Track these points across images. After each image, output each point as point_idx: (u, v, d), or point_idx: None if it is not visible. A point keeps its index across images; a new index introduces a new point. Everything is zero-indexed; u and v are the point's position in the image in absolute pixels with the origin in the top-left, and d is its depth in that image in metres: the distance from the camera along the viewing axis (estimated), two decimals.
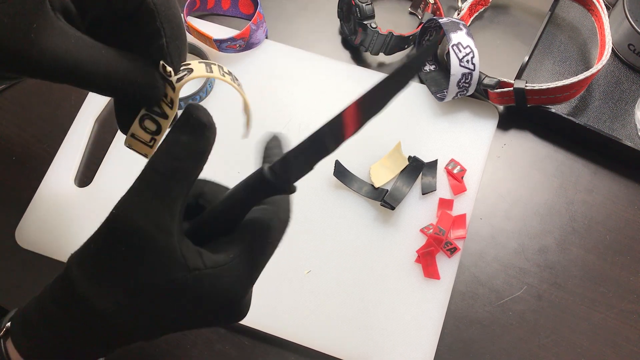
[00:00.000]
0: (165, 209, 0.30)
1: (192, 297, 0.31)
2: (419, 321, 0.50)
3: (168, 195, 0.30)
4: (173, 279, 0.30)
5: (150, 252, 0.30)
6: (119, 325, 0.32)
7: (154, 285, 0.31)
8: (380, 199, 0.53)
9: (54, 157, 0.56)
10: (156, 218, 0.30)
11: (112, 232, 0.31)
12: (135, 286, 0.31)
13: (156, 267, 0.30)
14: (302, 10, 0.64)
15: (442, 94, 0.58)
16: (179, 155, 0.31)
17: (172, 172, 0.31)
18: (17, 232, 0.53)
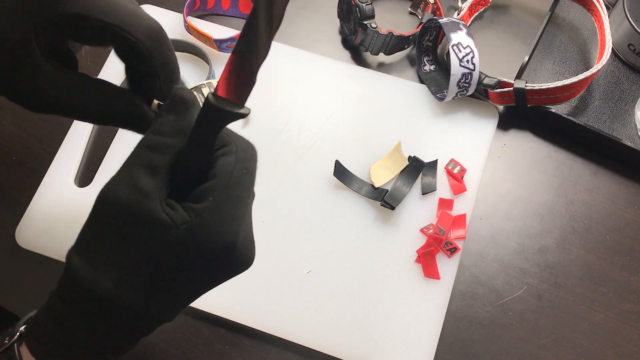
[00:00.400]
0: (149, 178, 0.31)
1: (188, 251, 0.31)
2: (419, 321, 0.50)
3: (153, 167, 0.31)
4: (164, 240, 0.30)
5: (137, 222, 0.30)
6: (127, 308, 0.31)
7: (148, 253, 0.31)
8: (380, 199, 0.53)
9: (54, 157, 0.56)
10: (140, 187, 0.30)
11: (100, 210, 0.31)
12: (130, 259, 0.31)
13: (145, 234, 0.30)
14: (302, 10, 0.64)
15: (442, 94, 0.58)
16: (164, 131, 0.32)
17: (157, 146, 0.32)
18: (17, 232, 0.53)
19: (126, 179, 0.31)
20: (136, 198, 0.30)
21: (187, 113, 0.33)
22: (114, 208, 0.31)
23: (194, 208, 0.31)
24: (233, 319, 0.50)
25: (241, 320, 0.50)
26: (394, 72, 0.61)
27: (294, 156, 0.56)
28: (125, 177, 0.31)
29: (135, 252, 0.31)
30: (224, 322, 0.51)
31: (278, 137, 0.57)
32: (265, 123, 0.57)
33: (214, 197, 0.31)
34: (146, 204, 0.30)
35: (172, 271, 0.31)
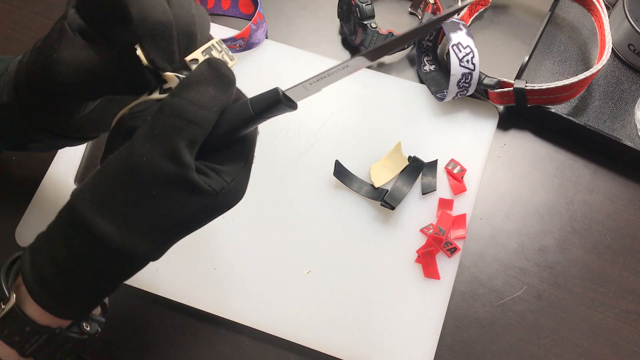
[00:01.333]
0: (189, 152, 0.31)
1: (219, 210, 0.34)
2: (419, 321, 0.50)
3: (193, 141, 0.32)
4: (206, 205, 0.33)
5: (179, 191, 0.32)
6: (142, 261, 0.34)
7: (184, 215, 0.33)
8: (380, 199, 0.53)
9: (54, 157, 0.56)
10: (182, 161, 0.31)
11: (141, 179, 0.32)
12: (165, 222, 0.33)
13: (188, 202, 0.32)
14: (302, 10, 0.64)
15: (442, 94, 0.58)
16: (206, 105, 0.32)
17: (200, 120, 0.32)
18: (17, 232, 0.53)
19: (168, 151, 0.31)
20: (180, 172, 0.31)
21: (230, 90, 0.33)
22: (156, 179, 0.31)
23: (230, 173, 0.33)
24: (233, 319, 0.50)
25: (241, 320, 0.50)
26: (394, 72, 0.61)
27: (294, 156, 0.56)
28: (167, 150, 0.31)
29: (172, 216, 0.32)
30: (224, 322, 0.51)
31: (278, 137, 0.57)
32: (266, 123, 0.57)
33: (243, 165, 0.34)
34: (189, 177, 0.31)
35: (188, 224, 0.34)
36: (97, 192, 0.33)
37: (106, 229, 0.32)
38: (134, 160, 0.31)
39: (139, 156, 0.31)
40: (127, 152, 0.32)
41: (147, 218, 0.32)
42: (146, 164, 0.31)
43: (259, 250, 0.53)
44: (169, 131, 0.31)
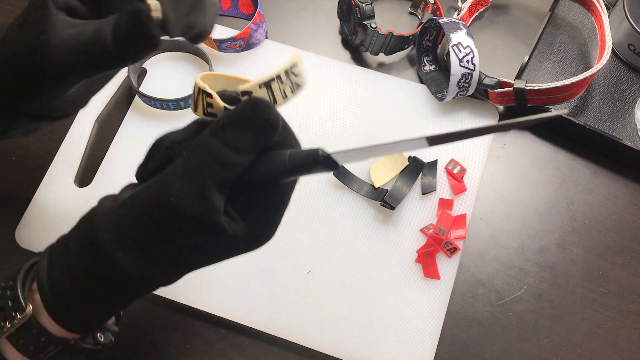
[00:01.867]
0: (219, 195, 0.31)
1: (240, 252, 0.34)
2: (419, 321, 0.50)
3: (224, 185, 0.31)
4: (227, 246, 0.33)
5: (204, 235, 0.32)
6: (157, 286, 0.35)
7: (205, 255, 0.33)
8: (380, 199, 0.53)
9: (54, 157, 0.56)
10: (212, 204, 0.31)
11: (168, 217, 0.31)
12: (191, 261, 0.33)
13: (211, 245, 0.32)
14: (302, 10, 0.64)
15: (442, 94, 0.58)
16: (243, 151, 0.31)
17: (233, 165, 0.31)
18: (17, 232, 0.53)
19: (198, 194, 0.31)
20: (208, 215, 0.31)
21: (271, 135, 0.33)
22: (184, 220, 0.31)
23: (254, 221, 0.33)
24: (233, 319, 0.50)
25: (241, 320, 0.50)
26: (394, 72, 0.61)
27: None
28: (197, 192, 0.31)
29: (192, 253, 0.33)
30: (224, 322, 0.51)
31: None
32: None
33: (273, 210, 0.34)
34: (217, 220, 0.31)
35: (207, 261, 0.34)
36: (122, 222, 0.33)
37: (125, 258, 0.32)
38: (163, 197, 0.31)
39: (168, 194, 0.31)
40: (158, 187, 0.32)
41: (167, 253, 0.32)
42: (174, 203, 0.31)
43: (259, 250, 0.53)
44: (201, 173, 0.31)
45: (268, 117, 0.32)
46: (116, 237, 0.32)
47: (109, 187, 0.54)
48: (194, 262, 0.34)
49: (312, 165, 0.32)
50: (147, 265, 0.32)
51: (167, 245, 0.32)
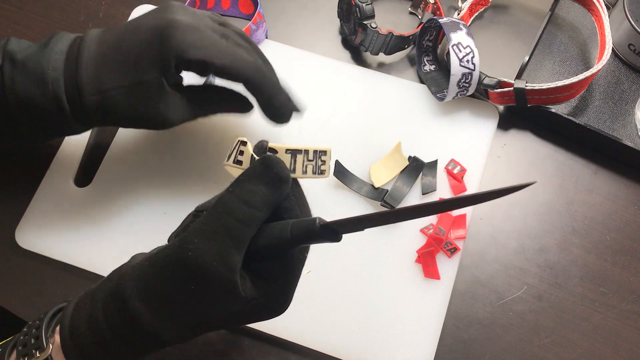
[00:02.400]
0: (236, 252, 0.33)
1: (244, 320, 0.35)
2: (419, 321, 0.50)
3: (240, 240, 0.33)
4: (233, 309, 0.34)
5: (218, 291, 0.33)
6: (172, 344, 0.36)
7: (217, 318, 0.34)
8: (380, 199, 0.53)
9: (54, 157, 0.56)
10: (227, 260, 0.32)
11: (183, 272, 0.33)
12: (200, 320, 0.34)
13: (221, 303, 0.33)
14: (302, 10, 0.64)
15: (442, 94, 0.58)
16: (255, 204, 0.33)
17: (248, 220, 0.33)
18: (17, 232, 0.53)
19: (215, 249, 0.32)
20: (223, 271, 0.32)
21: (279, 190, 0.34)
22: (201, 277, 0.33)
23: (265, 288, 0.35)
24: None
25: None
26: (394, 72, 0.61)
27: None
28: (214, 248, 0.32)
29: (205, 315, 0.34)
30: None
31: (278, 137, 0.57)
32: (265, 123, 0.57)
33: (280, 284, 0.35)
34: (231, 278, 0.33)
35: (225, 326, 0.37)
36: (143, 275, 0.34)
37: (140, 310, 0.34)
38: (181, 254, 0.33)
39: (186, 250, 0.33)
40: (178, 244, 0.33)
41: (179, 310, 0.34)
42: (192, 260, 0.32)
43: None
44: (218, 229, 0.33)
45: (277, 172, 0.34)
46: (137, 286, 0.34)
47: (109, 187, 0.55)
48: (202, 324, 0.35)
49: (310, 234, 0.33)
50: (158, 320, 0.34)
51: (179, 302, 0.33)
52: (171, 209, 0.54)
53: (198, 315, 0.34)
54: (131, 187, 0.55)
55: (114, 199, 0.54)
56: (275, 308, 0.36)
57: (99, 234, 0.53)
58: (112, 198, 0.54)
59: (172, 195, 0.54)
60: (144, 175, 0.55)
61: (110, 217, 0.54)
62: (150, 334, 0.34)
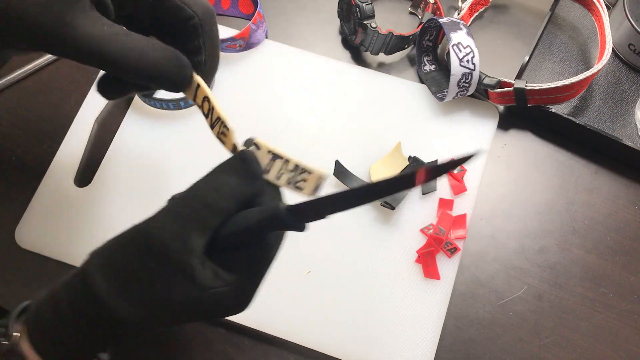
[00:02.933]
0: (197, 236, 0.32)
1: (205, 310, 0.34)
2: (419, 321, 0.50)
3: (204, 225, 0.33)
4: (190, 295, 0.33)
5: (175, 272, 0.32)
6: (133, 328, 0.35)
7: (175, 303, 0.33)
8: None
9: (54, 157, 0.56)
10: (187, 242, 0.32)
11: (144, 248, 0.33)
12: (159, 303, 0.33)
13: (177, 284, 0.32)
14: (302, 10, 0.64)
15: (442, 94, 0.58)
16: (225, 194, 0.33)
17: (215, 207, 0.33)
18: (17, 232, 0.53)
19: (179, 231, 0.32)
20: (183, 252, 0.32)
21: (253, 185, 0.34)
22: (159, 254, 0.32)
23: (223, 277, 0.33)
24: (233, 319, 0.50)
25: (241, 320, 0.50)
26: (394, 72, 0.61)
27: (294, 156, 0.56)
28: (178, 230, 0.32)
29: (159, 293, 0.33)
30: (224, 322, 0.51)
31: (278, 138, 0.57)
32: (266, 123, 0.57)
33: (243, 274, 0.34)
34: (189, 261, 0.32)
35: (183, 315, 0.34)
36: (108, 250, 0.34)
37: (98, 283, 0.33)
38: (145, 231, 0.33)
39: (151, 228, 0.33)
40: (145, 222, 0.33)
41: (136, 288, 0.33)
42: (153, 238, 0.32)
43: None
44: (184, 211, 0.33)
45: (250, 167, 0.34)
46: (100, 261, 0.34)
47: (109, 187, 0.55)
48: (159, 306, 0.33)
49: (274, 219, 0.33)
50: (115, 294, 0.33)
51: (137, 279, 0.33)
52: None
53: (155, 296, 0.33)
54: (131, 187, 0.55)
55: (114, 199, 0.54)
56: (236, 301, 0.34)
57: (99, 234, 0.53)
58: (112, 198, 0.54)
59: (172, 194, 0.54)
60: (144, 175, 0.55)
61: (110, 217, 0.54)
62: (106, 309, 0.33)
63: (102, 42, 0.34)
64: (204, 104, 0.38)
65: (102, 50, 0.34)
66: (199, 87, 0.38)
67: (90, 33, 0.34)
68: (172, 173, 0.55)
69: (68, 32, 0.34)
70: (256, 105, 0.58)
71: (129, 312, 0.33)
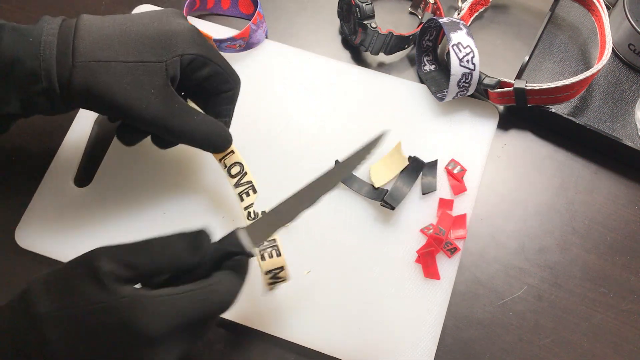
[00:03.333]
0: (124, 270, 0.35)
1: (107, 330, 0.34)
2: (419, 321, 0.50)
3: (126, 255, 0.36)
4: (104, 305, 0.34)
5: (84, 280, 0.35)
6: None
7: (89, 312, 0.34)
8: (380, 199, 0.53)
9: (54, 157, 0.56)
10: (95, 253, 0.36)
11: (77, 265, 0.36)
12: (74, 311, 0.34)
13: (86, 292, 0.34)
14: (302, 10, 0.64)
15: (442, 94, 0.58)
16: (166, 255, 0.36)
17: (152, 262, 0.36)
18: (17, 232, 0.53)
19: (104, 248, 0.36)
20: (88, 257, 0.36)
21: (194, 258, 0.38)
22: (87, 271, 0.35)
23: (124, 293, 0.34)
24: (233, 319, 0.50)
25: (241, 320, 0.50)
26: (394, 72, 0.61)
27: (294, 156, 0.56)
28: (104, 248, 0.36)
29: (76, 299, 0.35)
30: (224, 322, 0.51)
31: (278, 138, 0.57)
32: (265, 123, 0.57)
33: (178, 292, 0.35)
34: (91, 266, 0.35)
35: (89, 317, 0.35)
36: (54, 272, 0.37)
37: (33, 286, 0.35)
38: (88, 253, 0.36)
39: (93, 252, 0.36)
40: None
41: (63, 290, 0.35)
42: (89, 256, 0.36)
43: None
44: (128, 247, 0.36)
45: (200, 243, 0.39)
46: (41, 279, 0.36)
47: (109, 187, 0.55)
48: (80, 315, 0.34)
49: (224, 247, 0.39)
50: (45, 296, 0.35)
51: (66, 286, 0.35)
52: (171, 209, 0.54)
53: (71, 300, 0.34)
54: (131, 187, 0.55)
55: (114, 199, 0.54)
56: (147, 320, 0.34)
57: (99, 234, 0.53)
58: (112, 198, 0.54)
59: (171, 195, 0.54)
60: (144, 175, 0.55)
61: (110, 217, 0.54)
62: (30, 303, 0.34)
63: (171, 120, 0.43)
64: (233, 167, 0.49)
65: (167, 125, 0.43)
66: (232, 152, 0.48)
67: (163, 114, 0.43)
68: (172, 173, 0.55)
69: (147, 111, 0.42)
70: (256, 105, 0.58)
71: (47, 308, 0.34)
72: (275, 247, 0.45)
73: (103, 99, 0.42)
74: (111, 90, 0.41)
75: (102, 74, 0.41)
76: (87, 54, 0.41)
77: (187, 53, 0.43)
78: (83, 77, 0.41)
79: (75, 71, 0.41)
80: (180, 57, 0.43)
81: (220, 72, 0.46)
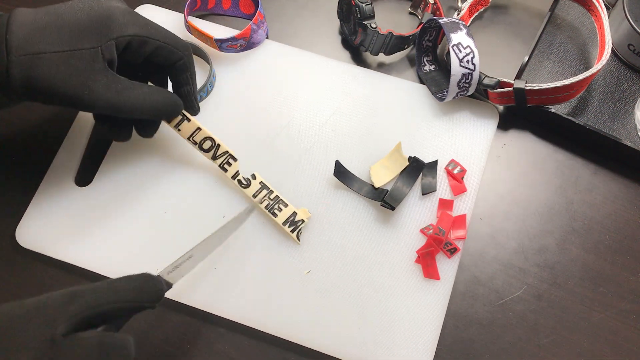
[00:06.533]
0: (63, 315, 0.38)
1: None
2: (419, 321, 0.50)
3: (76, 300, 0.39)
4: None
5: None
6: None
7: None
8: (380, 199, 0.53)
9: (54, 157, 0.56)
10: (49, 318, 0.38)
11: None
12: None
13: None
14: (302, 10, 0.64)
15: (442, 94, 0.58)
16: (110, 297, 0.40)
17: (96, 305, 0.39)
18: (17, 232, 0.53)
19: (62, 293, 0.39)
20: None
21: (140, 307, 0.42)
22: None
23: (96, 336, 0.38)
24: (233, 319, 0.50)
25: (241, 320, 0.50)
26: (394, 72, 0.61)
27: (294, 156, 0.56)
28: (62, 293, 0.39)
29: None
30: (224, 322, 0.51)
31: (278, 138, 0.57)
32: (266, 123, 0.57)
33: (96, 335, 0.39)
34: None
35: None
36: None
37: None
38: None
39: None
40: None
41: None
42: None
43: (259, 250, 0.53)
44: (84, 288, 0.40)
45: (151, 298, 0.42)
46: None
47: (109, 187, 0.55)
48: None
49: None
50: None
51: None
52: (171, 209, 0.54)
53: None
54: (131, 187, 0.55)
55: (114, 199, 0.54)
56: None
57: (99, 234, 0.53)
58: (112, 198, 0.54)
59: (172, 195, 0.55)
60: (144, 175, 0.55)
61: (110, 217, 0.54)
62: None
63: (116, 99, 0.44)
64: (204, 142, 0.51)
65: (115, 105, 0.44)
66: (199, 129, 0.51)
67: (106, 96, 0.44)
68: (172, 173, 0.55)
69: (89, 97, 0.43)
70: (256, 105, 0.58)
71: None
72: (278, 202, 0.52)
73: (43, 91, 0.42)
74: (49, 81, 0.42)
75: (38, 66, 0.41)
76: (21, 47, 0.41)
77: (123, 35, 0.44)
78: (20, 71, 0.41)
79: (12, 66, 0.41)
80: (115, 40, 0.44)
81: (163, 46, 0.46)
